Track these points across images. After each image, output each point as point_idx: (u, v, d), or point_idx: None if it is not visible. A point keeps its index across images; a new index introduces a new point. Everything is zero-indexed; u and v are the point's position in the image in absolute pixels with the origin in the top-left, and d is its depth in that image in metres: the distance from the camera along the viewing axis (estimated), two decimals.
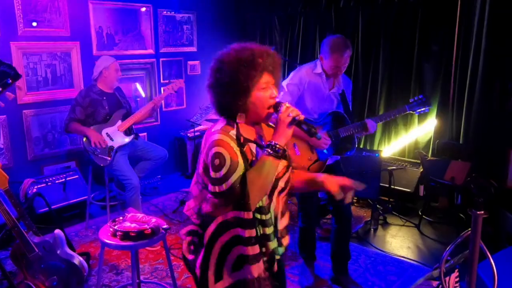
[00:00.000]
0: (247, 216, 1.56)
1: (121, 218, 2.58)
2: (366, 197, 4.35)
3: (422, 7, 4.30)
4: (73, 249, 3.00)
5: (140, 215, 2.60)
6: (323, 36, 4.79)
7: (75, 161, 4.59)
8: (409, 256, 3.49)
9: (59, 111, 4.39)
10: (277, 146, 1.53)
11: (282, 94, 2.68)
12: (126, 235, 2.42)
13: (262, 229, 1.61)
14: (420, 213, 4.10)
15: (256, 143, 1.63)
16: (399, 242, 3.76)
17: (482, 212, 1.58)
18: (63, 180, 4.14)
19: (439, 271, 1.85)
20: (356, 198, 4.57)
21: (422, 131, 4.53)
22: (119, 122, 3.78)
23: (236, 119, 1.60)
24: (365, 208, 4.46)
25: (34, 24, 4.13)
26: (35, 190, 3.87)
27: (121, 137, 3.76)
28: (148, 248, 3.46)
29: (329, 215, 3.95)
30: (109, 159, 3.66)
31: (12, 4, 3.99)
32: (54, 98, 4.37)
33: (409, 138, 4.63)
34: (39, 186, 3.97)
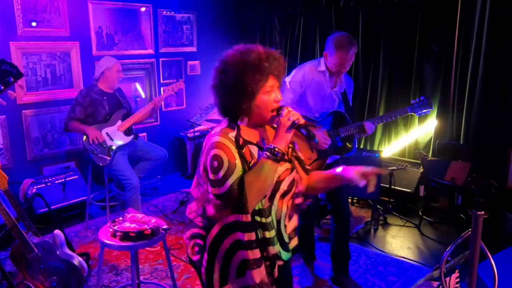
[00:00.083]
0: (245, 219, 1.55)
1: (120, 218, 2.58)
2: (366, 197, 4.35)
3: (422, 7, 4.30)
4: (73, 250, 3.01)
5: (139, 216, 2.60)
6: (323, 36, 4.79)
7: (75, 161, 4.58)
8: (410, 257, 3.49)
9: (58, 111, 4.39)
10: (276, 149, 1.53)
11: (284, 91, 2.67)
12: (125, 236, 2.42)
13: (262, 232, 1.60)
14: (420, 214, 4.10)
15: (258, 145, 1.63)
16: (399, 242, 3.76)
17: (483, 212, 1.57)
18: (63, 180, 4.13)
19: (440, 272, 1.84)
20: (356, 199, 4.57)
21: (423, 132, 4.52)
22: (119, 122, 3.78)
23: (238, 121, 1.60)
24: (365, 208, 4.46)
25: (34, 24, 4.13)
26: (34, 190, 3.87)
27: (121, 137, 3.76)
28: (148, 248, 3.46)
29: (329, 216, 3.94)
30: (108, 158, 3.66)
31: (12, 4, 3.98)
32: (53, 98, 4.37)
33: (410, 138, 4.63)
34: (38, 186, 3.97)
